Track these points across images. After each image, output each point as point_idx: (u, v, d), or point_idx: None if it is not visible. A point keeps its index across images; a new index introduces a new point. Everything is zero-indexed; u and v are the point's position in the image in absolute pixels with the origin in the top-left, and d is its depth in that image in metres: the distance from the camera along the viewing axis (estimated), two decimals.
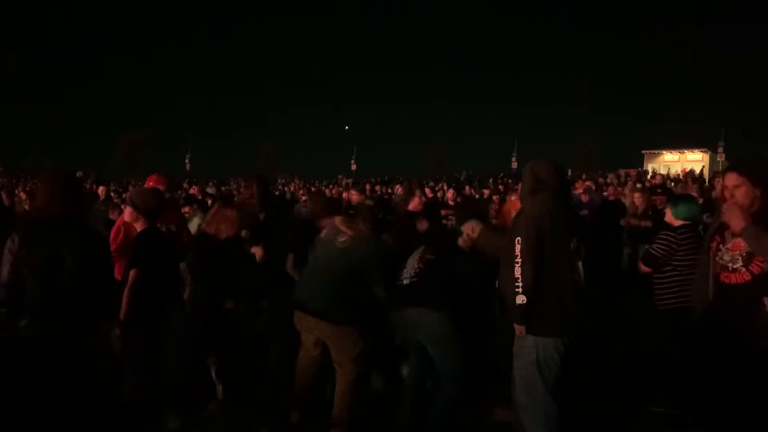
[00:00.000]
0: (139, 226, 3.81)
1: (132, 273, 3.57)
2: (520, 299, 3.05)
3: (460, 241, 4.10)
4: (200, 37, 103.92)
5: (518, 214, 3.23)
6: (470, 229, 4.09)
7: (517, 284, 3.05)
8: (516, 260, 3.06)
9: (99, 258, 3.17)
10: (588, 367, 4.83)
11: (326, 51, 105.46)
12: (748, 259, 3.13)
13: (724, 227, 3.28)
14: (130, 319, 3.54)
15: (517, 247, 3.07)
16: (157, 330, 3.70)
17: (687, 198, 4.48)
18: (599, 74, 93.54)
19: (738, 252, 3.17)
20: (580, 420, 3.83)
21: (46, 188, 3.16)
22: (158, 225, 3.99)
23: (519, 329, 3.13)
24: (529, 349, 3.14)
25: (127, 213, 3.89)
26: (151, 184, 4.94)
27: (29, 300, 2.98)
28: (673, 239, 4.13)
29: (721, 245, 3.27)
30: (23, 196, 11.56)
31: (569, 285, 3.11)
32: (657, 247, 4.19)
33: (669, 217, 4.36)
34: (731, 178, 3.23)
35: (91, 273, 3.06)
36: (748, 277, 3.13)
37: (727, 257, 3.22)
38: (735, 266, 3.18)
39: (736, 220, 3.10)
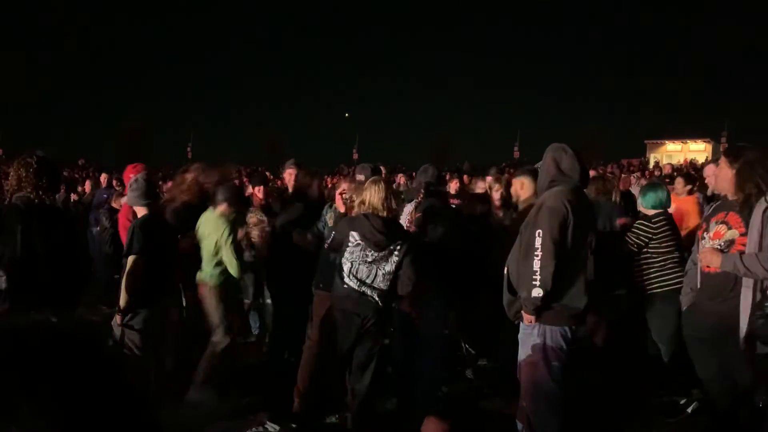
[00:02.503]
0: (140, 212, 3.78)
1: (130, 260, 3.53)
2: (537, 292, 2.98)
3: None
4: (199, 26, 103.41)
5: (538, 206, 3.14)
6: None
7: (534, 277, 2.98)
8: (536, 253, 2.99)
9: (69, 239, 3.16)
10: (588, 354, 4.81)
11: (326, 39, 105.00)
12: (727, 248, 3.06)
13: (711, 215, 3.25)
14: (130, 306, 3.51)
15: (538, 240, 2.99)
16: (156, 316, 3.67)
17: (654, 186, 4.61)
18: (601, 64, 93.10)
19: (718, 240, 3.11)
20: (580, 406, 3.81)
21: (19, 172, 3.08)
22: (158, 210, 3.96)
23: (528, 318, 3.09)
24: (537, 335, 3.11)
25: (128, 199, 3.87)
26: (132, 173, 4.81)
27: (6, 284, 2.95)
28: (646, 228, 4.20)
29: (705, 233, 3.23)
30: None
31: (583, 278, 3.08)
32: (631, 235, 4.25)
33: (640, 206, 4.49)
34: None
35: (63, 255, 3.05)
36: None
37: (708, 246, 3.17)
38: None
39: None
